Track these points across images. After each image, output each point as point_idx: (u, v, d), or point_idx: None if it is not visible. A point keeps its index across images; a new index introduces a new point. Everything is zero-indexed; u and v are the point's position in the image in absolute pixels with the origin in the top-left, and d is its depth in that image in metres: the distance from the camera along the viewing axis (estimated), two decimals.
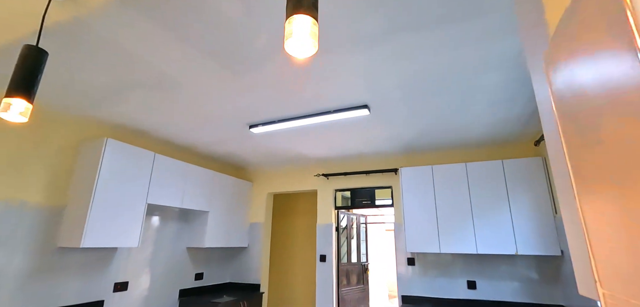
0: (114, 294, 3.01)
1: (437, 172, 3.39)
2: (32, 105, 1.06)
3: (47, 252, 2.54)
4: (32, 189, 2.48)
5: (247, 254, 4.50)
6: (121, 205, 2.79)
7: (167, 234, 3.63)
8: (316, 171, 4.35)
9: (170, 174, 3.34)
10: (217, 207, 3.98)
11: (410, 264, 3.62)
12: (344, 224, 4.33)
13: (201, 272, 4.06)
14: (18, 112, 1.03)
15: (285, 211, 5.58)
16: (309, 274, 5.11)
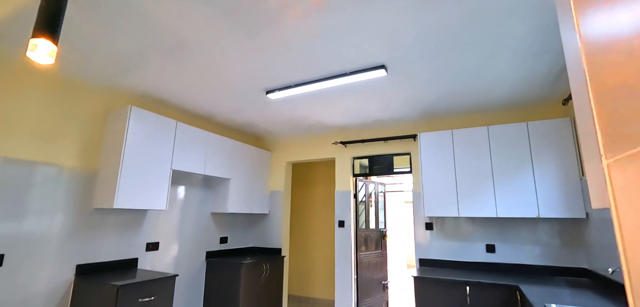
0: (147, 253, 3.23)
1: (457, 137, 3.32)
2: (56, 47, 1.12)
3: (85, 213, 2.75)
4: (67, 154, 2.66)
5: (268, 220, 4.66)
6: (148, 170, 2.94)
7: (193, 200, 3.81)
8: (334, 139, 4.36)
9: (192, 142, 3.46)
10: (238, 175, 4.11)
11: (428, 229, 3.64)
12: (362, 192, 4.36)
13: (226, 237, 4.27)
14: (45, 53, 1.09)
15: (305, 180, 5.68)
16: (328, 240, 5.24)
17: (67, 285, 2.60)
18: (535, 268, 3.09)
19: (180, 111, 3.61)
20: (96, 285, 2.49)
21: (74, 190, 2.69)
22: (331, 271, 5.15)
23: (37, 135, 2.48)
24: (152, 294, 2.60)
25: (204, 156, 3.60)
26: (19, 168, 2.37)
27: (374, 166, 4.15)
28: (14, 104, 2.37)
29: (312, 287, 5.27)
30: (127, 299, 2.41)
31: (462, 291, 2.85)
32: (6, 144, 2.31)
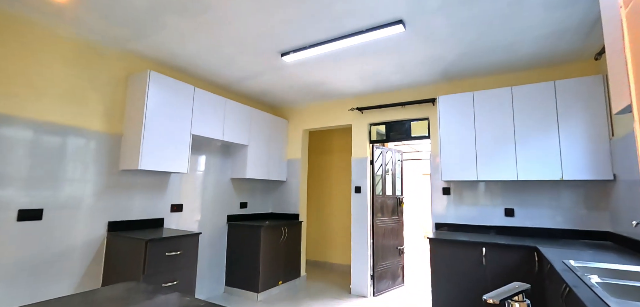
0: (172, 214, 3.40)
1: (479, 99, 3.21)
2: None
3: (113, 174, 2.90)
4: (93, 118, 2.78)
5: (285, 187, 4.76)
6: (169, 134, 3.04)
7: (213, 165, 3.93)
8: (350, 105, 4.32)
9: (210, 108, 3.52)
10: (256, 142, 4.18)
11: (445, 194, 3.61)
12: (379, 159, 4.35)
13: (245, 202, 4.41)
14: None
15: (321, 148, 5.71)
16: (345, 207, 5.31)
17: (101, 239, 2.79)
18: (555, 231, 3.03)
19: (197, 79, 3.67)
20: (127, 240, 2.66)
21: (102, 152, 2.83)
22: (348, 237, 5.25)
23: (64, 99, 2.60)
24: (178, 249, 2.75)
25: (221, 122, 3.67)
26: (51, 130, 2.51)
27: (391, 132, 4.11)
28: (41, 69, 2.48)
29: (329, 253, 5.41)
30: (155, 253, 2.56)
31: (478, 252, 2.85)
32: (37, 107, 2.44)
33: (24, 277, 2.32)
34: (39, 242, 2.41)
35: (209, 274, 3.81)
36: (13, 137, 2.31)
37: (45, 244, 2.44)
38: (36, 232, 2.39)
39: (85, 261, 2.68)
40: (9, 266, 2.25)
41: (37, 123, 2.43)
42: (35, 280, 2.37)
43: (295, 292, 4.07)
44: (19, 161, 2.33)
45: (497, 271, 2.78)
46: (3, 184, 2.24)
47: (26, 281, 2.33)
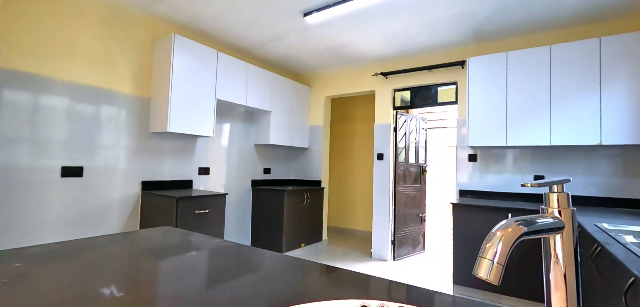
0: (200, 177, 3.55)
1: (513, 60, 3.03)
2: None
3: (144, 136, 3.04)
4: (123, 81, 2.89)
5: (308, 154, 4.81)
6: (194, 98, 3.12)
7: (237, 131, 4.02)
8: (374, 70, 4.22)
9: (233, 73, 3.56)
10: (278, 108, 4.21)
11: (471, 160, 3.51)
12: (403, 126, 4.26)
13: (269, 168, 4.51)
14: None
15: (344, 116, 5.67)
16: (367, 175, 5.32)
17: (136, 197, 2.97)
18: (589, 199, 2.90)
19: (220, 43, 3.69)
20: (159, 198, 2.82)
21: (132, 114, 2.96)
22: (369, 205, 5.29)
23: (95, 63, 2.71)
24: (207, 208, 2.89)
25: (245, 87, 3.71)
26: (85, 93, 2.64)
27: (416, 99, 3.99)
28: (73, 33, 2.58)
29: (351, 219, 5.49)
30: (186, 210, 2.71)
31: (503, 217, 2.78)
32: (72, 70, 2.56)
33: (69, 228, 2.54)
34: (81, 197, 2.60)
35: (235, 234, 3.99)
36: (53, 98, 2.45)
37: (86, 199, 2.64)
38: (78, 187, 2.58)
39: (122, 215, 2.88)
40: (56, 218, 2.47)
41: (73, 85, 2.56)
42: (81, 231, 2.59)
43: (317, 254, 4.20)
44: (60, 121, 2.49)
45: None
46: (47, 143, 2.42)
47: (73, 232, 2.55)
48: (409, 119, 4.39)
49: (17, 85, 2.27)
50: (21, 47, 2.29)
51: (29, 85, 2.33)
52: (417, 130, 4.59)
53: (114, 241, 1.14)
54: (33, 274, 0.72)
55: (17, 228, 2.26)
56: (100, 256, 0.87)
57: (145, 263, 0.83)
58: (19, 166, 2.28)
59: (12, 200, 2.25)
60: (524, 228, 0.33)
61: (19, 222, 2.28)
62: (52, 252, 0.88)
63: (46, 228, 2.42)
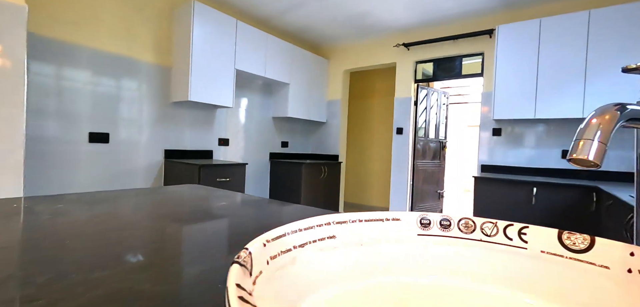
0: (219, 147, 3.59)
1: (546, 27, 2.85)
2: None
3: (165, 106, 3.07)
4: (144, 49, 2.90)
5: (325, 128, 4.78)
6: (214, 67, 3.11)
7: (255, 103, 4.01)
8: (395, 41, 4.08)
9: (253, 43, 3.52)
10: (297, 81, 4.16)
11: (495, 134, 3.40)
12: (423, 100, 4.15)
13: (286, 141, 4.52)
14: None
15: (361, 92, 5.56)
16: (384, 151, 5.25)
17: (159, 164, 3.04)
18: (622, 175, 2.76)
19: (238, 11, 3.64)
20: (182, 165, 2.88)
21: (154, 83, 2.98)
22: (386, 181, 5.25)
23: (117, 30, 2.72)
24: (228, 177, 2.93)
25: (263, 58, 3.67)
26: (109, 60, 2.67)
27: (439, 71, 3.86)
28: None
29: (367, 195, 5.48)
30: (208, 177, 2.76)
31: (526, 191, 2.70)
32: (96, 37, 2.59)
33: (99, 188, 2.63)
34: (108, 163, 2.68)
35: None
36: (78, 65, 2.50)
37: (113, 165, 2.72)
38: (105, 153, 2.66)
39: (147, 181, 2.96)
40: (85, 182, 2.56)
41: (97, 53, 2.59)
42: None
43: None
44: (85, 89, 2.54)
45: (547, 211, 2.64)
46: (74, 110, 2.48)
47: None
48: (430, 93, 4.27)
49: (44, 52, 2.32)
50: (46, 11, 2.32)
51: (56, 52, 2.37)
52: (438, 105, 4.46)
53: (143, 192, 1.18)
54: (73, 212, 0.74)
55: (48, 192, 2.36)
56: (134, 200, 0.89)
57: (180, 205, 0.85)
58: (49, 132, 2.36)
59: (43, 166, 2.34)
60: (620, 113, 0.29)
61: (50, 186, 2.38)
62: (89, 199, 0.91)
63: (78, 190, 2.52)
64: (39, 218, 0.62)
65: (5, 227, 0.54)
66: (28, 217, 0.63)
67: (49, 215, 0.65)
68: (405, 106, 4.03)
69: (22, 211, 0.68)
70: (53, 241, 0.48)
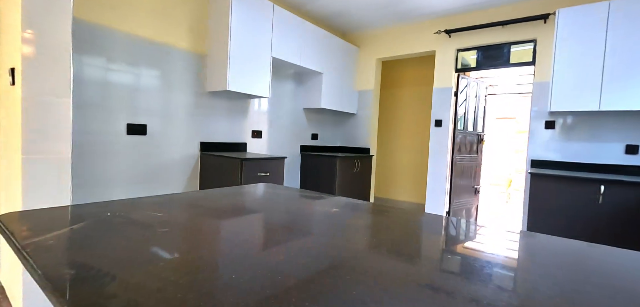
0: (253, 140, 3.43)
1: (617, 9, 2.61)
2: None
3: (201, 95, 2.91)
4: (179, 35, 2.73)
5: (356, 120, 4.58)
6: (252, 55, 2.93)
7: (287, 93, 3.83)
8: (434, 27, 3.85)
9: (289, 29, 3.32)
10: (330, 70, 3.96)
11: (548, 127, 3.18)
12: (464, 92, 3.92)
13: (316, 133, 4.34)
14: None
15: (389, 82, 5.34)
16: (413, 144, 5.05)
17: (195, 158, 2.89)
18: None
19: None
20: (221, 159, 2.72)
21: (189, 72, 2.81)
22: (414, 175, 5.05)
23: (153, 15, 2.54)
24: (268, 171, 2.77)
25: (299, 46, 3.47)
26: (144, 46, 2.50)
27: (484, 59, 3.62)
28: None
29: (394, 190, 5.30)
30: (249, 172, 2.60)
31: (590, 190, 2.50)
32: (132, 21, 2.41)
33: (136, 185, 2.49)
34: (146, 156, 2.54)
35: None
36: (115, 51, 2.33)
37: (150, 158, 2.57)
38: (142, 146, 2.51)
39: (183, 175, 2.81)
40: (124, 175, 2.41)
41: (132, 38, 2.42)
42: (146, 189, 2.55)
43: None
44: (122, 76, 2.38)
45: (616, 211, 2.44)
46: (111, 99, 2.32)
47: (140, 189, 2.50)
48: (470, 83, 4.04)
49: (80, 37, 2.15)
50: None
51: (91, 37, 2.21)
52: (477, 95, 4.23)
53: (227, 193, 1.04)
54: (179, 219, 0.62)
55: (88, 185, 2.22)
56: (234, 202, 0.76)
57: (280, 202, 0.70)
58: (87, 123, 2.21)
59: (82, 159, 2.20)
60: None
61: (91, 180, 2.24)
62: (176, 202, 0.79)
63: (115, 186, 2.38)
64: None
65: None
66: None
67: (165, 228, 0.50)
68: (445, 97, 3.82)
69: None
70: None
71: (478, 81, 4.21)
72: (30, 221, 0.68)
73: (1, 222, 0.61)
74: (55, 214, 0.74)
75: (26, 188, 1.54)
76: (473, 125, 4.22)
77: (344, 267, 0.47)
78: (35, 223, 0.65)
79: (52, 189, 1.62)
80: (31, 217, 0.70)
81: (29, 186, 1.54)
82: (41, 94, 1.56)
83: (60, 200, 1.64)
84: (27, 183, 1.54)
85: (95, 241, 0.56)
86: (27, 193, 1.54)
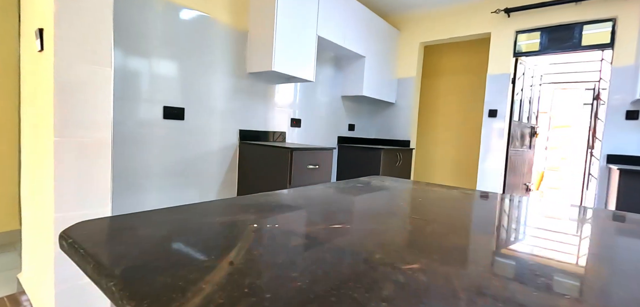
0: (292, 129, 3.11)
1: None
2: None
3: (241, 77, 2.59)
4: (218, 6, 2.40)
5: (394, 110, 4.23)
6: (298, 33, 2.60)
7: (326, 79, 3.50)
8: (491, 7, 3.46)
9: (333, 6, 2.98)
10: (372, 54, 3.62)
11: (630, 117, 2.79)
12: (521, 79, 3.54)
13: (353, 124, 4.01)
14: None
15: (432, 71, 4.95)
16: (450, 138, 4.67)
17: (234, 147, 2.58)
18: None
19: None
20: (266, 148, 2.41)
21: (229, 49, 2.50)
22: (452, 169, 4.69)
23: None
24: (316, 163, 2.45)
25: (343, 25, 3.13)
26: (182, 14, 2.18)
27: (549, 42, 3.23)
28: None
29: None
30: (298, 164, 2.28)
31: None
32: None
33: (173, 177, 2.19)
34: (183, 144, 2.23)
35: None
36: (152, 18, 2.02)
37: (189, 146, 2.27)
38: (180, 132, 2.20)
39: (222, 166, 2.51)
40: (161, 164, 2.11)
41: (171, 5, 2.11)
42: (185, 180, 2.25)
43: None
44: (158, 50, 2.07)
45: None
46: (148, 78, 2.01)
47: (177, 181, 2.20)
48: (527, 68, 3.65)
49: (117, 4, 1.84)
50: None
51: (125, 1, 1.90)
52: (531, 86, 3.84)
53: (361, 188, 0.72)
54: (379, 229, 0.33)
55: (121, 177, 1.93)
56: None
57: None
58: (121, 106, 1.90)
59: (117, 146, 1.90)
60: None
61: (122, 170, 1.94)
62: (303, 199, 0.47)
63: (152, 175, 2.08)
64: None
65: None
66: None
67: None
68: (501, 84, 3.44)
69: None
70: None
71: (534, 67, 3.81)
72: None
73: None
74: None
75: (60, 178, 1.24)
76: (527, 116, 3.84)
77: None
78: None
79: (90, 180, 1.31)
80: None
81: (62, 175, 1.24)
82: (77, 62, 1.25)
83: (100, 194, 1.34)
84: (61, 172, 1.24)
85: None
86: (60, 185, 1.24)
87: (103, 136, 1.33)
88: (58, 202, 1.24)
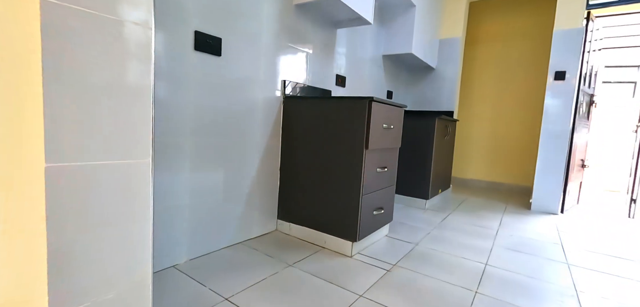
0: (337, 87, 2.51)
1: None
2: None
3: (287, 12, 1.96)
4: None
5: (435, 75, 3.70)
6: None
7: (368, 33, 2.90)
8: None
9: None
10: (423, 5, 3.05)
11: None
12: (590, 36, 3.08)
13: (391, 91, 3.45)
14: None
15: (475, 36, 4.43)
16: (486, 113, 4.21)
17: (278, 102, 1.96)
18: None
19: None
20: (328, 103, 1.80)
21: None
22: (489, 150, 4.24)
23: None
24: (391, 123, 1.88)
25: None
26: None
27: None
28: None
29: (464, 167, 4.47)
30: (376, 121, 1.70)
31: None
32: None
33: (210, 131, 1.56)
34: (219, 89, 1.59)
35: None
36: None
37: (226, 92, 1.63)
38: (215, 70, 1.56)
39: (264, 126, 1.89)
40: (194, 111, 1.47)
41: None
42: (222, 141, 1.62)
43: (455, 204, 3.24)
44: None
45: None
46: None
47: (212, 141, 1.57)
48: (595, 27, 3.20)
49: None
50: None
51: None
52: (591, 49, 3.40)
53: None
54: None
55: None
56: None
57: None
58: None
59: None
60: None
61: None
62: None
63: (187, 132, 1.44)
64: None
65: None
66: None
67: None
68: (572, 42, 2.96)
69: None
70: None
71: (597, 22, 3.36)
72: None
73: None
74: None
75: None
76: (587, 82, 3.40)
77: None
78: None
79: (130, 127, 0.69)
80: None
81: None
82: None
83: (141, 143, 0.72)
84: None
85: None
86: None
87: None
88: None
